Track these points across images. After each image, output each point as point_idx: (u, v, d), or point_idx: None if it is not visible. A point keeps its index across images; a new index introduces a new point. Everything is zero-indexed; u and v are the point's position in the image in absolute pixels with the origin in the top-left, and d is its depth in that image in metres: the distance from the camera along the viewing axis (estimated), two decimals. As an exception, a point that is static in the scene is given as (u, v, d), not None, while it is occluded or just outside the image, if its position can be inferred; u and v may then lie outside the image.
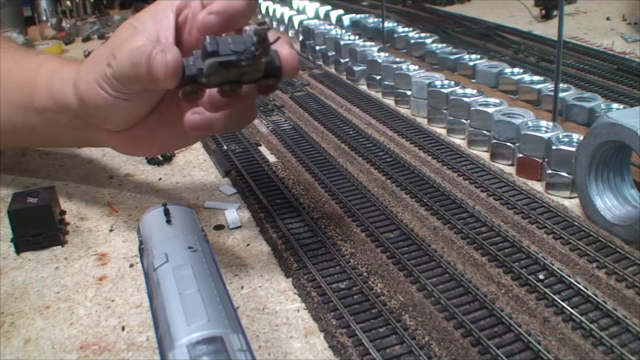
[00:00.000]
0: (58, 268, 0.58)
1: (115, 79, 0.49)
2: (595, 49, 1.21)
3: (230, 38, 0.43)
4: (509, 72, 0.93)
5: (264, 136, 0.86)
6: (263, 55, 0.43)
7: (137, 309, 0.51)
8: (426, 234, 0.60)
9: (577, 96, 0.81)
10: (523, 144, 0.71)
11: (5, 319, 0.51)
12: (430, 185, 0.69)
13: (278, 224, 0.62)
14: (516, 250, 0.56)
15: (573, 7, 1.60)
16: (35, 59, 0.63)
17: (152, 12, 0.52)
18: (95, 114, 0.53)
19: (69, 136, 0.63)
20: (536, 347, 0.43)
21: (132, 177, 0.77)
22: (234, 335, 0.35)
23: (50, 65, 0.60)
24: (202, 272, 0.42)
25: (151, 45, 0.46)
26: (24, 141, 0.76)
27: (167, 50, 0.45)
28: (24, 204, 0.60)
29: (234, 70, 0.43)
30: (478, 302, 0.49)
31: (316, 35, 1.25)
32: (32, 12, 1.70)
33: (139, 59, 0.46)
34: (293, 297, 0.52)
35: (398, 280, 0.52)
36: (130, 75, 0.48)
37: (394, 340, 0.45)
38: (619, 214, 0.59)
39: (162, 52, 0.45)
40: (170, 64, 0.44)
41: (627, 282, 0.50)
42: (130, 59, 0.47)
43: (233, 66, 0.43)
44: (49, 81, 0.58)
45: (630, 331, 0.45)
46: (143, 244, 0.48)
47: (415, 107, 0.92)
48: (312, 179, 0.72)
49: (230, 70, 0.43)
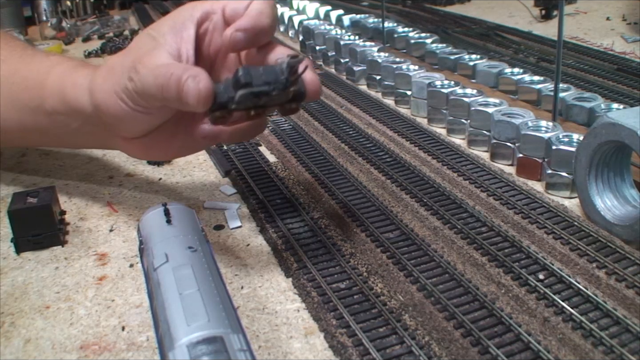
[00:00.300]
0: (58, 268, 0.58)
1: (138, 94, 0.48)
2: (595, 49, 1.21)
3: (262, 68, 0.44)
4: (509, 72, 0.93)
5: (264, 136, 0.86)
6: (293, 85, 0.44)
7: (137, 309, 0.51)
8: (426, 234, 0.60)
9: (577, 96, 0.81)
10: (523, 144, 0.71)
11: (5, 319, 0.51)
12: (430, 185, 0.69)
13: (278, 224, 0.62)
14: (516, 250, 0.56)
15: (573, 7, 1.60)
16: (45, 61, 0.62)
17: (172, 22, 0.51)
18: (112, 123, 0.53)
19: (79, 139, 0.63)
20: (536, 347, 0.43)
21: (132, 177, 0.77)
22: (234, 335, 0.35)
23: (61, 68, 0.59)
24: (202, 272, 0.42)
25: (180, 68, 0.45)
26: (33, 142, 0.76)
27: (199, 77, 0.44)
28: (24, 204, 0.60)
29: (264, 98, 0.44)
30: (478, 302, 0.49)
31: (316, 35, 1.25)
32: (32, 12, 1.70)
33: (168, 81, 0.45)
34: (293, 297, 0.52)
35: (398, 280, 0.52)
36: (156, 95, 0.47)
37: (394, 340, 0.45)
38: (619, 214, 0.59)
39: (194, 80, 0.44)
40: (203, 93, 0.44)
41: (627, 282, 0.50)
42: (157, 79, 0.46)
43: (264, 95, 0.44)
44: (60, 85, 0.57)
45: (630, 331, 0.45)
46: (143, 244, 0.48)
47: (415, 107, 0.92)
48: (312, 178, 0.72)
49: (261, 98, 0.44)
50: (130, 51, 0.51)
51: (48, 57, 0.64)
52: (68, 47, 1.51)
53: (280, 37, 1.50)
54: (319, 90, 0.47)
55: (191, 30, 0.51)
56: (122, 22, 1.70)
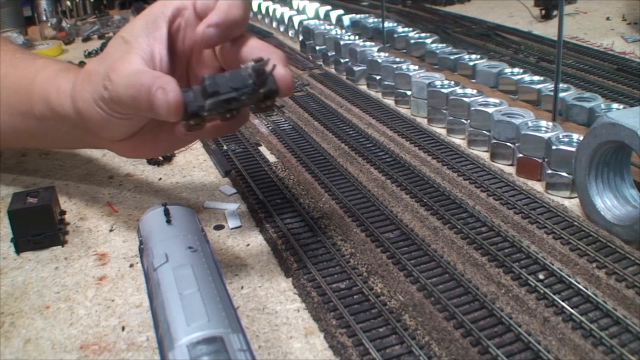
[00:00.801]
0: (58, 268, 0.58)
1: (113, 102, 0.48)
2: (595, 49, 1.21)
3: (228, 74, 0.44)
4: (509, 72, 0.93)
5: (264, 136, 0.86)
6: (262, 87, 0.44)
7: (137, 309, 0.51)
8: (426, 234, 0.60)
9: (577, 96, 0.81)
10: (523, 144, 0.71)
11: (5, 319, 0.51)
12: (430, 185, 0.69)
13: (278, 224, 0.62)
14: (516, 250, 0.56)
15: (573, 7, 1.60)
16: (32, 65, 0.63)
17: (144, 22, 0.51)
18: (95, 128, 0.53)
19: (71, 141, 0.63)
20: (536, 347, 0.43)
21: (132, 177, 0.77)
22: (234, 335, 0.35)
23: (46, 74, 0.59)
24: (202, 272, 0.42)
25: (150, 78, 0.45)
26: (27, 144, 0.76)
27: (167, 88, 0.44)
28: (24, 204, 0.60)
29: (234, 103, 0.44)
30: (478, 302, 0.49)
31: (316, 35, 1.25)
32: (32, 12, 1.70)
33: (138, 92, 0.45)
34: (293, 297, 0.52)
35: (398, 280, 0.52)
36: (129, 104, 0.47)
37: (394, 340, 0.45)
38: (619, 214, 0.59)
39: (163, 91, 0.44)
40: (172, 105, 0.44)
41: (627, 282, 0.50)
42: (127, 90, 0.46)
43: (234, 100, 0.44)
44: (45, 91, 0.58)
45: (630, 331, 0.45)
46: (143, 244, 0.48)
47: (415, 107, 0.92)
48: (312, 179, 0.72)
49: (231, 103, 0.44)
50: (105, 57, 0.51)
51: (34, 61, 0.64)
52: (68, 47, 1.51)
53: (280, 37, 1.50)
54: (291, 86, 0.47)
55: (163, 30, 0.50)
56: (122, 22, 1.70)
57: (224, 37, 0.49)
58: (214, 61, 0.53)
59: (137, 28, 0.51)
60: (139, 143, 0.55)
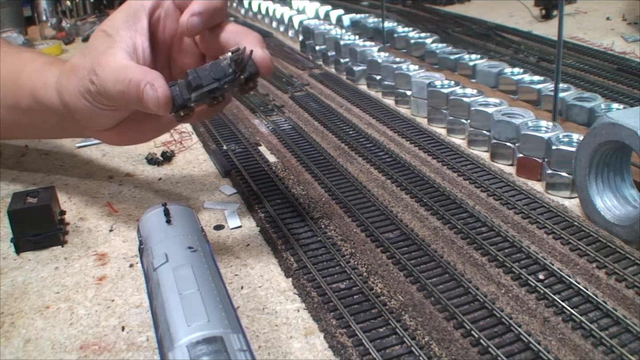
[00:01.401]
0: (58, 268, 0.58)
1: (101, 95, 0.50)
2: (595, 49, 1.21)
3: (209, 66, 0.48)
4: (509, 72, 0.93)
5: (264, 136, 0.86)
6: (242, 73, 0.48)
7: (137, 309, 0.51)
8: (426, 234, 0.60)
9: (577, 96, 0.81)
10: (523, 144, 0.71)
11: (5, 319, 0.51)
12: (430, 185, 0.69)
13: (278, 224, 0.62)
14: (516, 250, 0.56)
15: (573, 7, 1.60)
16: (17, 59, 0.64)
17: (125, 15, 0.52)
18: (82, 119, 0.54)
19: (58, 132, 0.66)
20: (536, 347, 0.43)
21: (132, 177, 0.77)
22: (234, 335, 0.35)
23: (32, 67, 0.61)
24: (202, 272, 0.42)
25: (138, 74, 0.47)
26: (16, 136, 0.78)
27: (155, 84, 0.46)
28: (24, 204, 0.60)
29: (218, 91, 0.48)
30: (478, 302, 0.49)
31: (316, 35, 1.25)
32: (32, 12, 1.70)
33: (127, 87, 0.47)
34: (293, 297, 0.52)
35: (398, 280, 0.52)
36: (118, 98, 0.49)
37: (394, 340, 0.45)
38: (619, 214, 0.59)
39: (151, 87, 0.46)
40: (162, 100, 0.46)
41: (627, 282, 0.50)
42: (116, 85, 0.48)
43: (217, 89, 0.48)
44: (32, 85, 0.59)
45: (630, 331, 0.45)
46: (143, 244, 0.48)
47: (415, 107, 0.92)
48: (312, 179, 0.72)
49: (215, 92, 0.48)
50: (89, 51, 0.52)
51: (19, 55, 0.65)
52: (68, 47, 1.51)
53: (280, 37, 1.49)
54: (271, 66, 0.49)
55: (144, 21, 0.52)
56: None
57: (206, 24, 0.50)
58: (194, 48, 0.54)
59: (118, 21, 0.52)
60: (125, 131, 0.57)
